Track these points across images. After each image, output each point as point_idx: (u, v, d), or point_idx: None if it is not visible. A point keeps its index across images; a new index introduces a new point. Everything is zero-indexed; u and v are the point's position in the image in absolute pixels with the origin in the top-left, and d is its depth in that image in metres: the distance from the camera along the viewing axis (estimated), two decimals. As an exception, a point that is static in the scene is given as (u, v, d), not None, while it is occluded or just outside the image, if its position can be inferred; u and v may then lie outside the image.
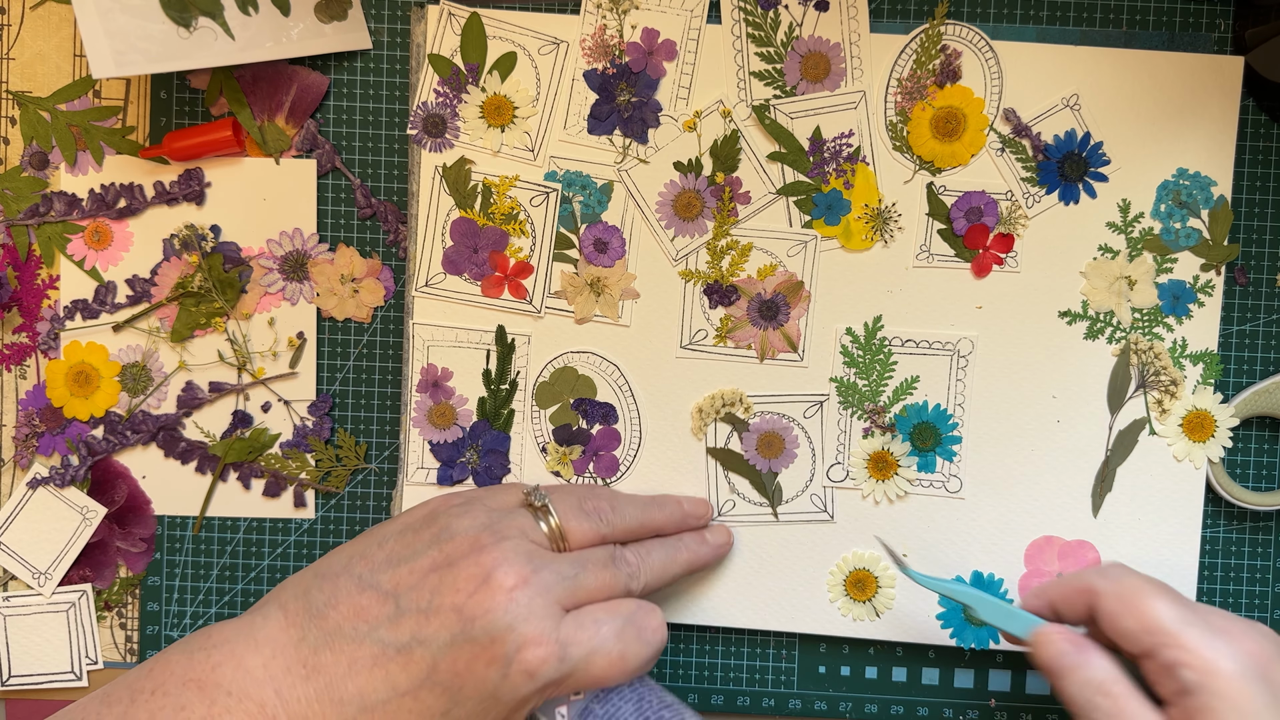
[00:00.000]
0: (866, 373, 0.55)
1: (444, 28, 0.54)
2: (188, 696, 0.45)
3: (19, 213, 0.55)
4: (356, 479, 0.56)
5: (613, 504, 0.51)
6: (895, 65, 0.54)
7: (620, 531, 0.51)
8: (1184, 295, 0.54)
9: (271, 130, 0.55)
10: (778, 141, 0.54)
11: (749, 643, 0.56)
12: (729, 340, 0.55)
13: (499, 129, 0.54)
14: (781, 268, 0.55)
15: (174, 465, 0.56)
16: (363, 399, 0.56)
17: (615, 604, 0.48)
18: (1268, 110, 0.55)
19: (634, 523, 0.51)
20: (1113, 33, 0.54)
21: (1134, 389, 0.55)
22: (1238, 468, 0.56)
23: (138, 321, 0.55)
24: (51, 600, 0.56)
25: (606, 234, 0.55)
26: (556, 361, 0.55)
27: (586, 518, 0.50)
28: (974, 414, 0.55)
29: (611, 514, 0.50)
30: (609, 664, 0.47)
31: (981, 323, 0.55)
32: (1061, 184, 0.54)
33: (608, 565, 0.49)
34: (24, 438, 0.56)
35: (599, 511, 0.50)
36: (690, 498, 0.55)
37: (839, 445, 0.55)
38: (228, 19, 0.52)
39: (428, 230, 0.54)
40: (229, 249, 0.55)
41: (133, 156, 0.55)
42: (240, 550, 0.56)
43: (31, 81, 0.55)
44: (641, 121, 0.54)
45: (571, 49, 0.54)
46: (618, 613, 0.47)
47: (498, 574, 0.45)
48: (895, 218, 0.54)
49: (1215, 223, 0.54)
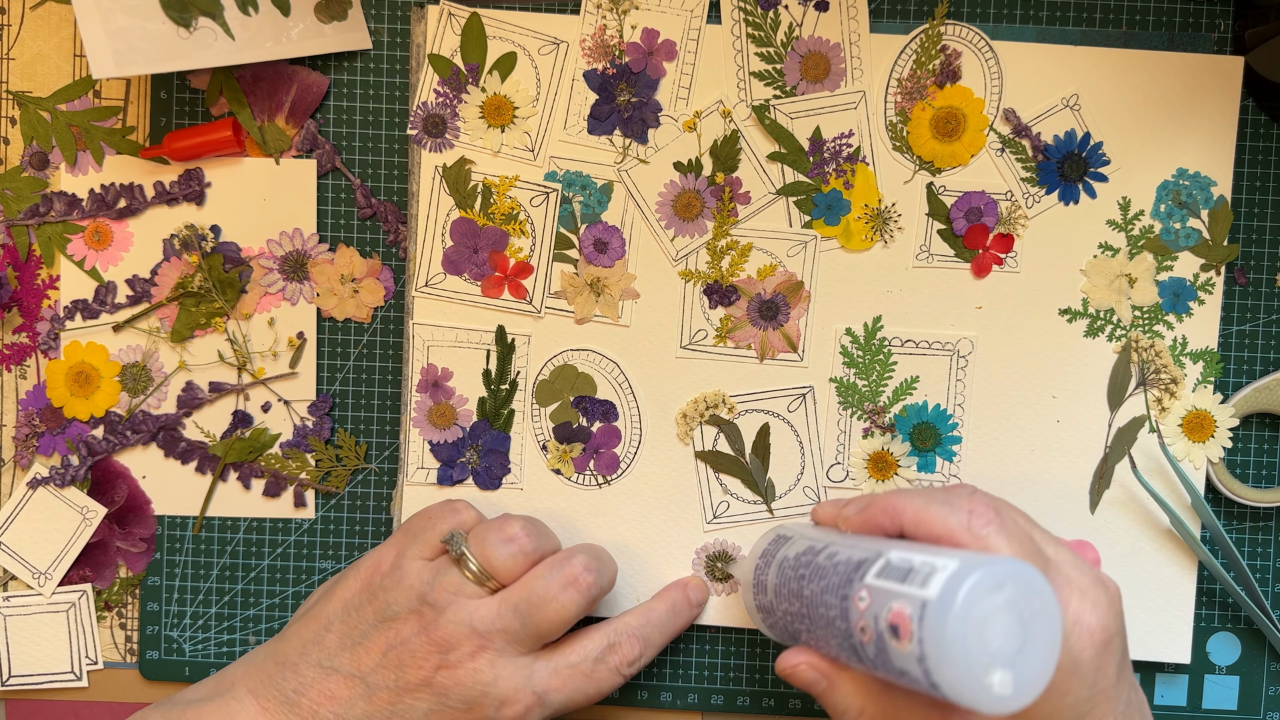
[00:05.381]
0: (866, 373, 0.55)
1: (444, 28, 0.54)
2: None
3: (19, 213, 0.55)
4: (356, 479, 0.56)
5: (525, 528, 0.49)
6: (895, 65, 0.54)
7: (548, 550, 0.50)
8: (1184, 293, 0.54)
9: (271, 130, 0.55)
10: (778, 141, 0.54)
11: (749, 643, 0.56)
12: (729, 340, 0.55)
13: (499, 129, 0.54)
14: (781, 268, 0.55)
15: (174, 465, 0.56)
16: (363, 399, 0.56)
17: (584, 644, 0.50)
18: (1268, 110, 0.55)
19: (557, 546, 0.51)
20: (1113, 33, 0.54)
21: (1134, 386, 0.55)
22: (1238, 465, 0.56)
23: (138, 321, 0.55)
24: (51, 600, 0.56)
25: (606, 234, 0.55)
26: (556, 359, 0.55)
27: (504, 546, 0.49)
28: (974, 414, 0.55)
29: (525, 538, 0.49)
30: (587, 698, 0.50)
31: (981, 323, 0.55)
32: (1061, 184, 0.54)
33: (603, 660, 0.50)
34: (24, 438, 0.56)
35: (514, 540, 0.49)
36: (694, 585, 0.55)
37: (839, 445, 0.55)
38: (228, 19, 0.52)
39: (428, 230, 0.54)
40: (229, 249, 0.55)
41: (133, 156, 0.55)
42: (240, 550, 0.56)
43: (31, 81, 0.55)
44: (641, 121, 0.54)
45: (571, 49, 0.54)
46: (588, 654, 0.50)
47: (454, 653, 0.48)
48: (895, 218, 0.54)
49: (1215, 223, 0.54)
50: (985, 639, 0.38)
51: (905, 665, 0.39)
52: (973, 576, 0.38)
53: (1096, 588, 0.43)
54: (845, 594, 0.42)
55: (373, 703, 0.48)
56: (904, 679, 0.40)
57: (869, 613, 0.41)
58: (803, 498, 0.55)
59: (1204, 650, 0.56)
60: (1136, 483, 0.55)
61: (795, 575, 0.47)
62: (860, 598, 0.41)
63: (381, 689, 0.48)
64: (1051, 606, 0.39)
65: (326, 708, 0.48)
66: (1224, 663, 0.56)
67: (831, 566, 0.44)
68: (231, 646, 0.56)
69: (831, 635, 0.44)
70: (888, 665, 0.40)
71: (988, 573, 0.38)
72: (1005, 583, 0.38)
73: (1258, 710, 0.56)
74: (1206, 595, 0.56)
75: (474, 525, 0.50)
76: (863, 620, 0.41)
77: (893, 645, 0.39)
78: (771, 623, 0.49)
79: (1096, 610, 0.42)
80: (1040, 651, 0.39)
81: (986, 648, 0.38)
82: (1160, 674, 0.56)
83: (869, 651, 0.41)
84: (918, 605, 0.38)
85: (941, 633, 0.37)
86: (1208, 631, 0.56)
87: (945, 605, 0.38)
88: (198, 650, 0.56)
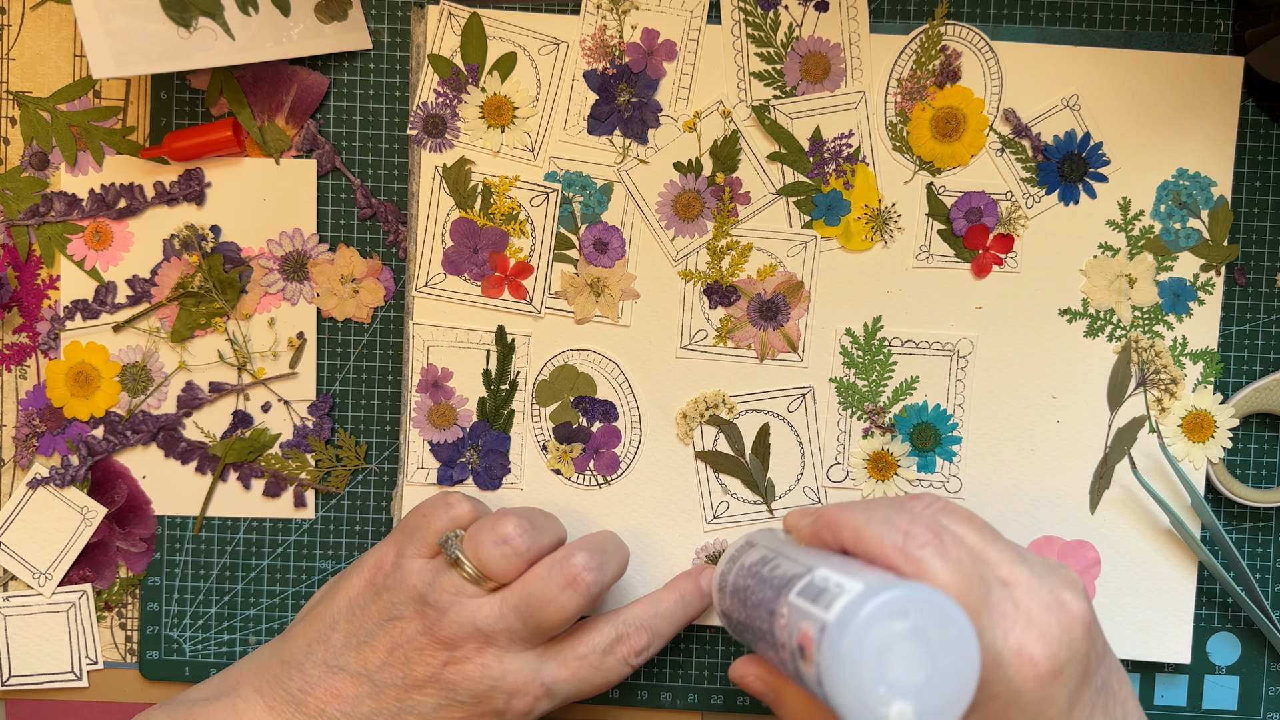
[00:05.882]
0: (866, 373, 0.55)
1: (444, 28, 0.54)
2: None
3: (19, 213, 0.55)
4: (356, 479, 0.56)
5: (519, 526, 0.49)
6: (895, 65, 0.54)
7: (547, 545, 0.50)
8: (1184, 293, 0.54)
9: (271, 130, 0.55)
10: (778, 142, 0.54)
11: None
12: (729, 341, 0.55)
13: (499, 129, 0.54)
14: (781, 268, 0.55)
15: (174, 465, 0.56)
16: (363, 399, 0.56)
17: (592, 635, 0.50)
18: (1268, 110, 0.55)
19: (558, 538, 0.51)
20: (1112, 33, 0.54)
21: (1134, 387, 0.55)
22: (1238, 466, 0.56)
23: (138, 321, 0.55)
24: (51, 600, 0.56)
25: (606, 234, 0.55)
26: (556, 359, 0.55)
27: (497, 548, 0.48)
28: (974, 414, 0.55)
29: (519, 538, 0.48)
30: (595, 688, 0.50)
31: (981, 323, 0.55)
32: (1061, 184, 0.54)
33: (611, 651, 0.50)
34: (24, 438, 0.56)
35: (508, 541, 0.48)
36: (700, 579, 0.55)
37: (839, 445, 0.55)
38: (228, 19, 0.52)
39: (428, 230, 0.55)
40: (229, 249, 0.55)
41: (133, 157, 0.55)
42: (240, 550, 0.56)
43: (31, 81, 0.55)
44: (641, 122, 0.54)
45: (571, 49, 0.54)
46: (595, 645, 0.50)
47: (460, 649, 0.48)
48: (895, 218, 0.54)
49: (1215, 223, 0.54)
50: (883, 667, 0.36)
51: (812, 687, 0.38)
52: (873, 601, 0.37)
53: (1049, 614, 0.41)
54: (773, 609, 0.42)
55: (380, 700, 0.48)
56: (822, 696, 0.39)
57: (787, 629, 0.40)
58: (803, 498, 0.55)
59: (1204, 650, 0.56)
60: (1136, 483, 0.55)
61: (744, 585, 0.46)
62: (782, 614, 0.41)
63: (389, 686, 0.48)
64: (967, 637, 0.37)
65: (333, 706, 0.48)
66: (1224, 663, 0.56)
67: (770, 579, 0.44)
68: (232, 646, 0.56)
69: (768, 647, 0.43)
70: (804, 684, 0.40)
71: (892, 597, 0.37)
72: (910, 610, 0.37)
73: (1258, 710, 0.56)
74: (1206, 595, 0.56)
75: (470, 520, 0.50)
76: (783, 635, 0.41)
77: (801, 666, 0.39)
78: (731, 627, 0.49)
79: (1044, 640, 0.40)
80: (950, 684, 0.37)
81: (884, 676, 0.36)
82: (1160, 674, 0.56)
83: (790, 668, 0.41)
84: (819, 627, 0.38)
85: (835, 657, 0.36)
86: (1208, 631, 0.56)
87: (840, 629, 0.37)
88: (198, 650, 0.56)
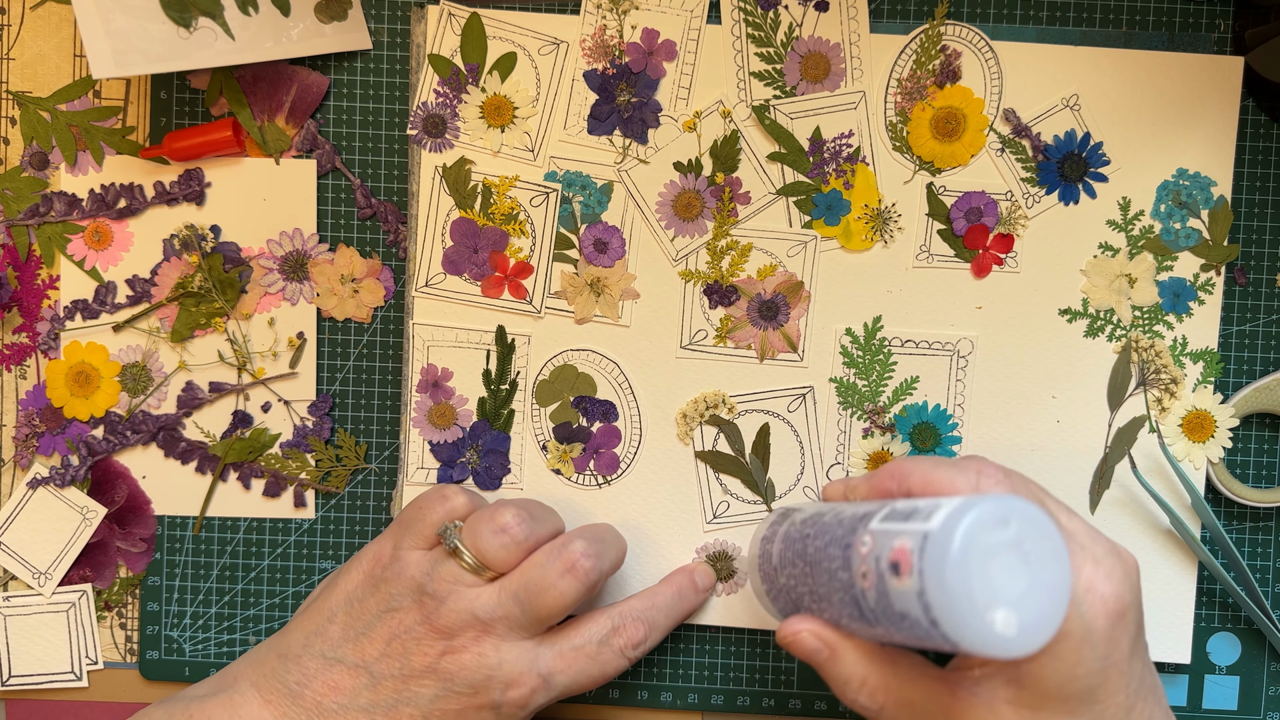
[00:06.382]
0: (866, 373, 0.55)
1: (444, 28, 0.54)
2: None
3: (19, 213, 0.55)
4: (356, 479, 0.56)
5: (518, 515, 0.49)
6: (895, 65, 0.54)
7: (544, 535, 0.50)
8: (1184, 293, 0.54)
9: (271, 130, 0.55)
10: (778, 142, 0.54)
11: (749, 643, 0.56)
12: (729, 340, 0.55)
13: (499, 129, 0.54)
14: (781, 268, 0.55)
15: (174, 465, 0.56)
16: (363, 399, 0.56)
17: (589, 627, 0.50)
18: (1268, 110, 0.55)
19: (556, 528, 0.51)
20: (1113, 33, 0.54)
21: (1134, 386, 0.55)
22: (1238, 466, 0.56)
23: (138, 321, 0.55)
24: (51, 600, 0.56)
25: (606, 234, 0.55)
26: (556, 359, 0.55)
27: (496, 537, 0.48)
28: (974, 414, 0.55)
29: (518, 527, 0.48)
30: (592, 680, 0.50)
31: (981, 323, 0.55)
32: (1061, 184, 0.54)
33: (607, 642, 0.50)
34: (24, 438, 0.56)
35: (506, 530, 0.48)
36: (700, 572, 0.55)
37: (839, 445, 0.55)
38: (228, 19, 0.52)
39: (428, 230, 0.55)
40: (229, 249, 0.55)
41: (133, 156, 0.55)
42: (240, 550, 0.56)
43: (31, 81, 0.55)
44: (641, 122, 0.54)
45: (571, 49, 0.54)
46: (592, 636, 0.50)
47: (457, 639, 0.48)
48: (895, 218, 0.54)
49: (1215, 223, 0.54)
50: (988, 574, 0.36)
51: (905, 606, 0.38)
52: (977, 508, 0.36)
53: (1111, 557, 0.42)
54: (848, 543, 0.41)
55: (378, 692, 0.48)
56: (904, 625, 0.38)
57: (870, 556, 0.39)
58: (803, 498, 0.55)
59: (1204, 650, 0.56)
60: (1136, 483, 0.55)
61: (800, 537, 0.46)
62: (863, 543, 0.40)
63: (386, 678, 0.48)
64: (1060, 551, 0.37)
65: (331, 698, 0.48)
66: (1224, 663, 0.56)
67: (837, 522, 0.43)
68: (231, 646, 0.56)
69: (834, 590, 0.42)
70: (888, 611, 0.39)
71: (994, 506, 0.36)
72: (1010, 519, 0.37)
73: (1258, 710, 0.56)
74: (1206, 595, 0.56)
75: (467, 512, 0.50)
76: (864, 565, 0.40)
77: (893, 584, 0.38)
78: (775, 594, 0.49)
79: (1111, 580, 0.41)
80: (1047, 597, 0.37)
81: (989, 584, 0.36)
82: (1160, 674, 0.56)
83: (870, 599, 0.40)
84: (919, 539, 0.37)
85: (942, 563, 0.36)
86: (1208, 631, 0.56)
87: (947, 535, 0.36)
88: (198, 650, 0.56)
